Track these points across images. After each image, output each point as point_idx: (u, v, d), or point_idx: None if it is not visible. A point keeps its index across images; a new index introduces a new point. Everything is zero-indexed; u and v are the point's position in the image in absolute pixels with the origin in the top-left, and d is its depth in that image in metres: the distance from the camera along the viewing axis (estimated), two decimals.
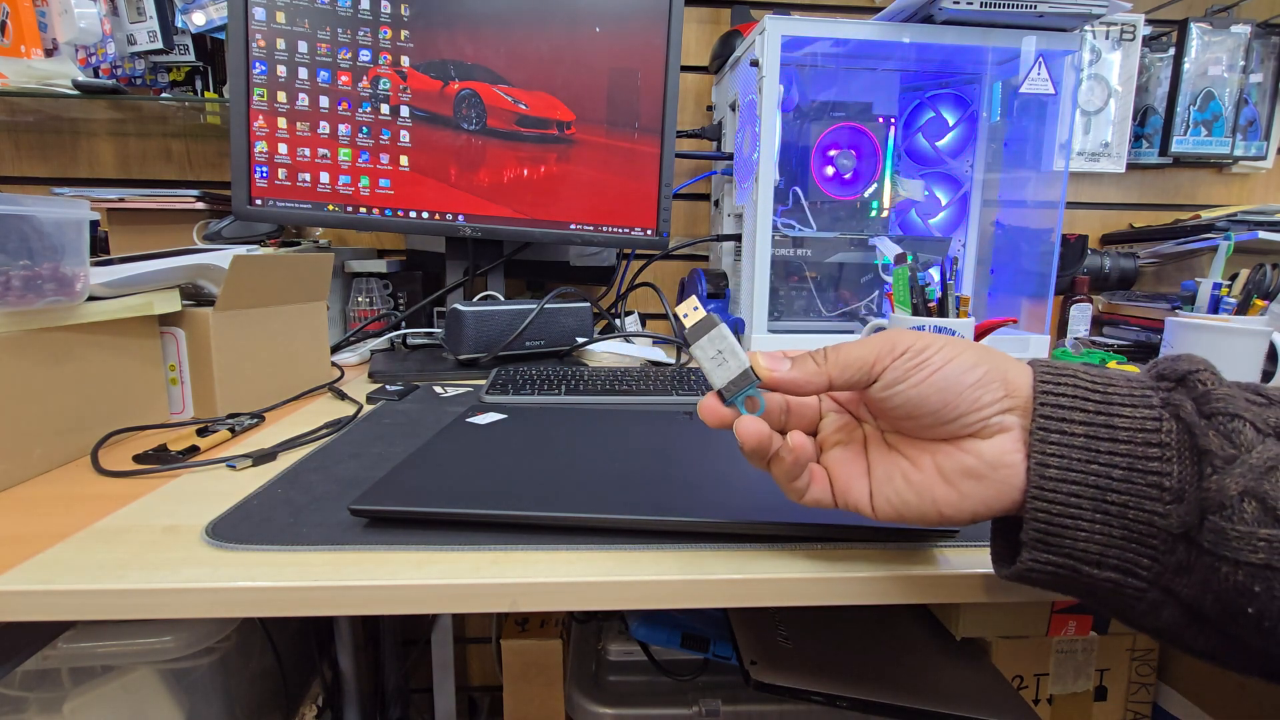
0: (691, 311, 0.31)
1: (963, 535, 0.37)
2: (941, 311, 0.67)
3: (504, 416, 0.55)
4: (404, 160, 0.82)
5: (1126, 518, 0.24)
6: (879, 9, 0.88)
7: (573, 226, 0.89)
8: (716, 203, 1.10)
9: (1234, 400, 0.23)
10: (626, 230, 0.91)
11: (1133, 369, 0.28)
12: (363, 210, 0.81)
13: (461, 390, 0.72)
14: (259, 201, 0.77)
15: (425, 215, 0.83)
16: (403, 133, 0.81)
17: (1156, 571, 0.24)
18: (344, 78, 0.78)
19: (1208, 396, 0.24)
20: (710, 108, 1.13)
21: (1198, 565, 0.23)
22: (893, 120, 0.98)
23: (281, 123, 0.76)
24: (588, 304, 0.89)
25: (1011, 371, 0.28)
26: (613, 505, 0.37)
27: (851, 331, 0.91)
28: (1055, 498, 0.25)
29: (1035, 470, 0.26)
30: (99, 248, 0.91)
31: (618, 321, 1.03)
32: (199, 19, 0.91)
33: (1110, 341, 1.04)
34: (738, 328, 0.89)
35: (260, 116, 0.75)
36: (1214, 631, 0.24)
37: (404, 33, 0.79)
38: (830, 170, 0.98)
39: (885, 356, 0.29)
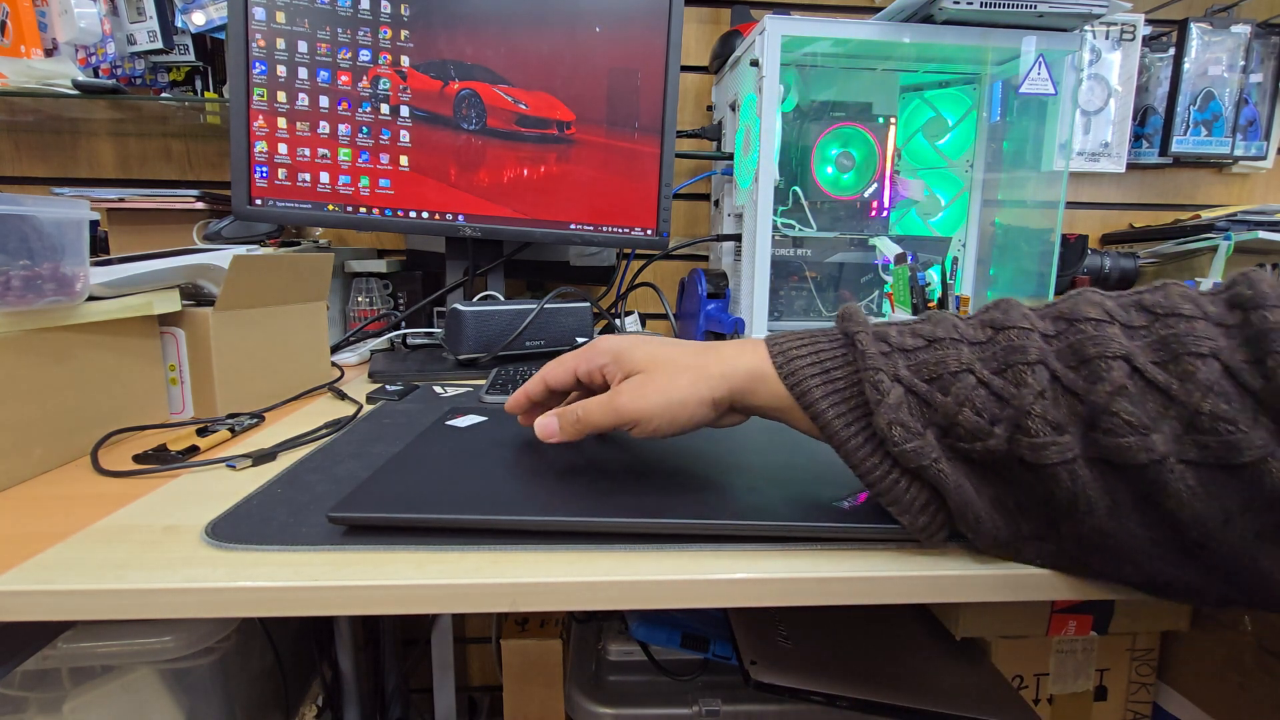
0: None
1: (960, 535, 0.37)
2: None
3: (484, 419, 0.55)
4: (404, 160, 0.82)
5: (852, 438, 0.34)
6: (879, 9, 0.88)
7: (573, 226, 0.89)
8: (716, 203, 1.10)
9: (876, 358, 0.33)
10: (626, 230, 0.91)
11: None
12: (363, 210, 0.81)
13: (461, 390, 0.72)
14: (259, 201, 0.77)
15: (425, 215, 0.83)
16: (403, 133, 0.81)
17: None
18: (344, 78, 0.78)
19: (864, 356, 0.33)
20: (710, 108, 1.13)
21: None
22: (892, 120, 0.98)
23: (281, 123, 0.76)
24: (588, 304, 0.89)
25: (733, 374, 0.36)
26: (598, 508, 0.37)
27: None
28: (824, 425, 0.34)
29: (805, 407, 0.34)
30: (99, 248, 0.91)
31: (618, 321, 1.03)
32: (199, 19, 0.91)
33: None
34: (738, 328, 0.89)
35: (260, 116, 0.75)
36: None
37: (404, 33, 0.79)
38: (830, 170, 0.98)
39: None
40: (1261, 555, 0.27)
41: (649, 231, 0.91)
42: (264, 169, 0.77)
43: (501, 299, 0.89)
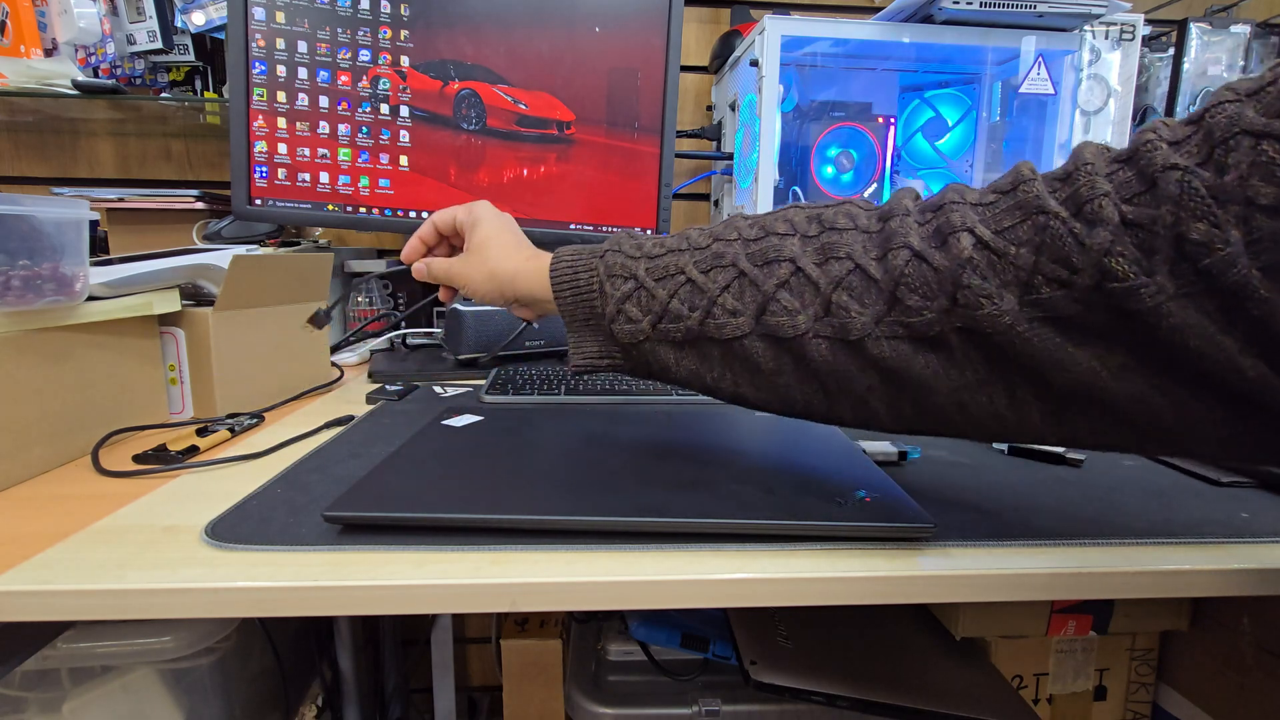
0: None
1: (961, 535, 0.37)
2: None
3: (479, 419, 0.55)
4: (404, 160, 0.82)
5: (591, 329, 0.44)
6: (879, 9, 0.88)
7: (573, 226, 0.89)
8: (716, 203, 1.10)
9: (615, 267, 0.42)
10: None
11: None
12: (362, 210, 0.81)
13: (461, 390, 0.72)
14: (259, 201, 0.77)
15: (425, 215, 0.83)
16: (402, 133, 0.81)
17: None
18: (344, 78, 0.78)
19: (607, 266, 0.42)
20: (710, 108, 1.13)
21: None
22: (892, 120, 0.98)
23: (281, 123, 0.76)
24: None
25: (520, 277, 0.46)
26: (598, 508, 0.37)
27: None
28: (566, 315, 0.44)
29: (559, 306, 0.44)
30: (99, 248, 0.91)
31: None
32: (199, 19, 0.91)
33: None
34: None
35: (260, 116, 0.75)
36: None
37: (404, 33, 0.79)
38: (830, 170, 0.98)
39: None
40: (872, 400, 0.35)
41: (649, 232, 0.91)
42: (264, 169, 0.77)
43: None
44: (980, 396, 0.32)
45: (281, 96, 0.76)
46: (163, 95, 0.95)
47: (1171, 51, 1.11)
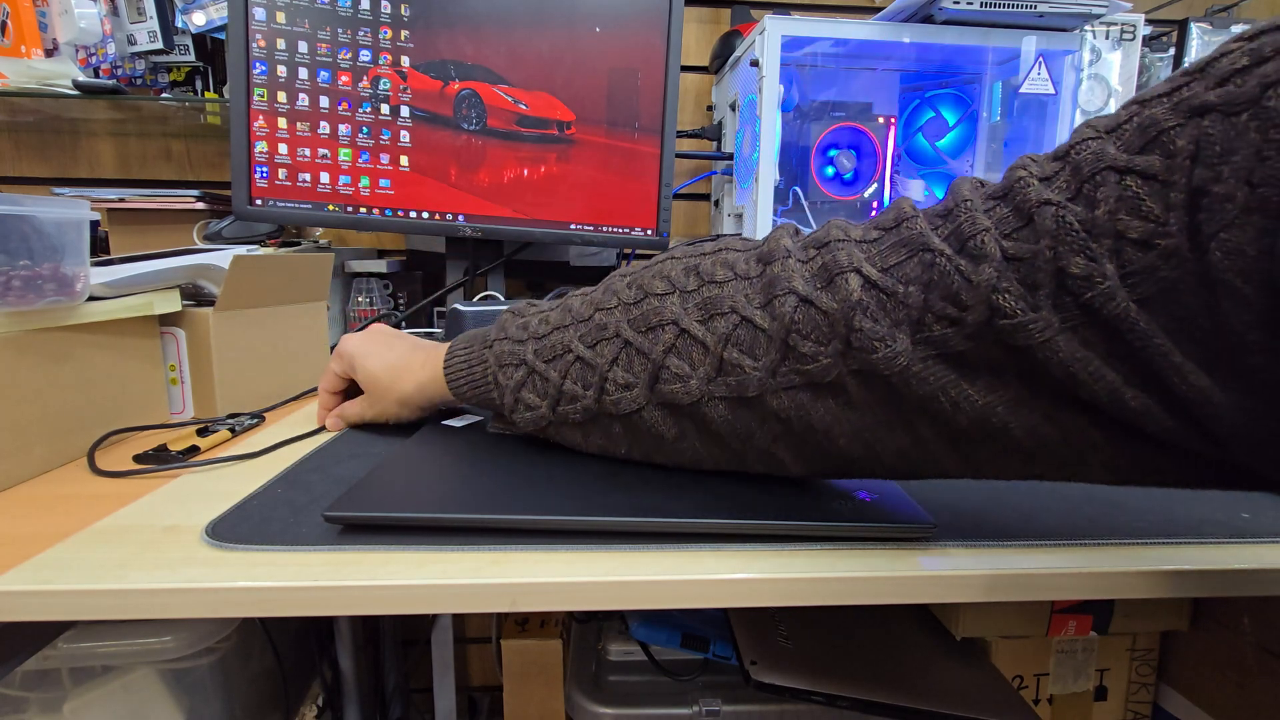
0: None
1: (961, 535, 0.37)
2: None
3: (480, 418, 0.55)
4: (404, 160, 0.82)
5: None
6: (879, 9, 0.88)
7: (573, 226, 0.89)
8: (716, 203, 1.10)
9: (504, 356, 0.42)
10: (626, 230, 0.91)
11: None
12: (363, 210, 0.81)
13: None
14: (259, 201, 0.77)
15: (425, 215, 0.83)
16: (403, 133, 0.81)
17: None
18: (344, 78, 0.78)
19: (495, 356, 0.42)
20: (710, 108, 1.13)
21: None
22: (893, 120, 0.98)
23: (281, 123, 0.76)
24: None
25: (423, 387, 0.48)
26: (598, 508, 0.37)
27: None
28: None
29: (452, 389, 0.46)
30: (99, 248, 0.91)
31: None
32: (199, 19, 0.91)
33: None
34: None
35: (260, 116, 0.75)
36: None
37: (404, 33, 0.79)
38: (830, 170, 0.99)
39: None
40: (778, 451, 0.36)
41: (649, 232, 0.91)
42: (264, 169, 0.77)
43: (502, 299, 0.89)
44: (883, 436, 0.32)
45: (282, 96, 0.76)
46: (163, 95, 0.95)
47: (1172, 51, 1.11)
